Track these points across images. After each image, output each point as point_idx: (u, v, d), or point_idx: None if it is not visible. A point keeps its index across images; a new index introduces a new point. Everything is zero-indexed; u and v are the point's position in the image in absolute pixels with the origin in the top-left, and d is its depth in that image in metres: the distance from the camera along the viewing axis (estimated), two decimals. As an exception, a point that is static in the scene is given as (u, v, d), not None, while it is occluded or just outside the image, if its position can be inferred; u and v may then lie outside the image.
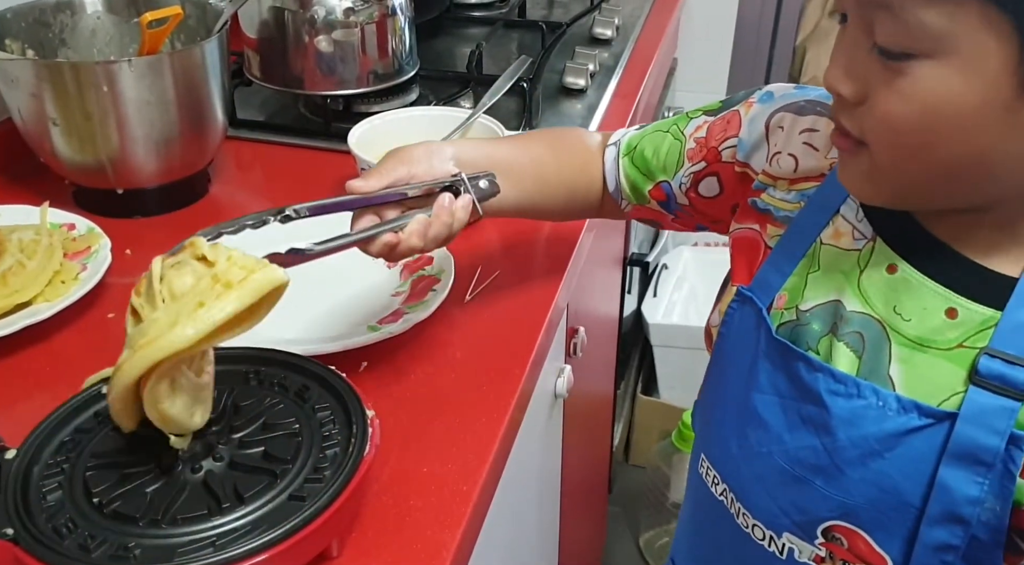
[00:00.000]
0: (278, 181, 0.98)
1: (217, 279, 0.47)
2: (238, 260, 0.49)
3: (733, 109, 0.68)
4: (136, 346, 0.47)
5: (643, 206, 0.74)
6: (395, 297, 0.75)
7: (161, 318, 0.47)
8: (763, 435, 0.58)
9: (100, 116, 0.80)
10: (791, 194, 0.62)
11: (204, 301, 0.46)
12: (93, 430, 0.53)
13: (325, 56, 1.00)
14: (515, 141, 0.74)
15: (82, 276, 0.73)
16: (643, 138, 0.72)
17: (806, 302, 0.58)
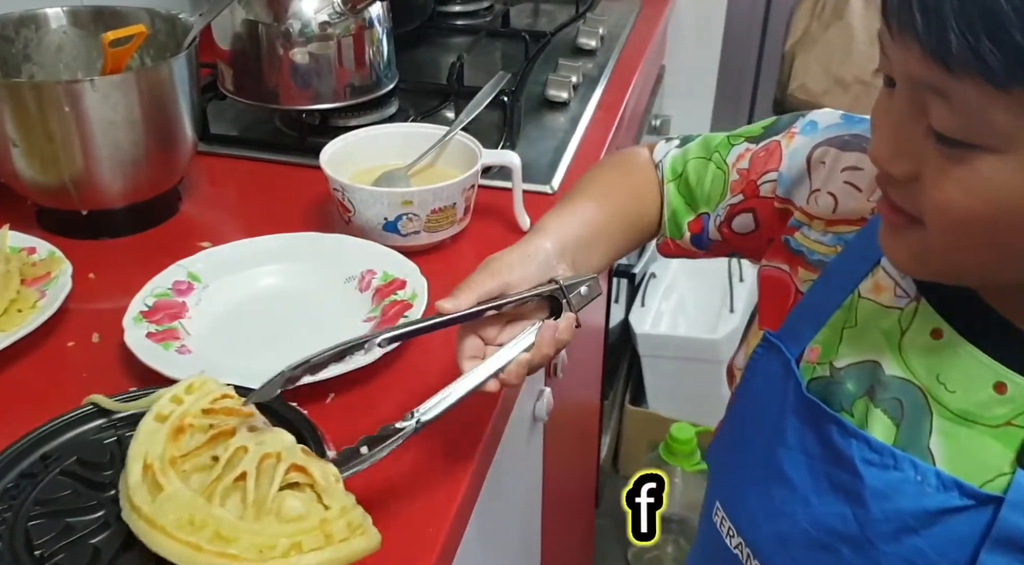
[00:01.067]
0: (252, 198, 0.96)
1: (325, 525, 0.46)
2: (348, 508, 0.48)
3: (774, 138, 0.63)
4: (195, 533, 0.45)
5: (674, 241, 0.69)
6: (366, 323, 0.73)
7: (239, 528, 0.45)
8: (788, 494, 0.54)
9: (63, 137, 0.77)
10: (827, 236, 0.58)
11: (303, 543, 0.45)
12: (39, 475, 0.51)
13: (300, 69, 0.98)
14: (597, 196, 0.68)
15: (40, 304, 0.71)
16: (687, 163, 0.68)
17: (841, 359, 0.54)
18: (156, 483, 0.46)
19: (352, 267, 0.78)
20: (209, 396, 0.53)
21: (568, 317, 0.58)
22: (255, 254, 0.79)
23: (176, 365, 0.65)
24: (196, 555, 0.43)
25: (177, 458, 0.49)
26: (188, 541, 0.44)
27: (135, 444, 0.49)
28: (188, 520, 0.45)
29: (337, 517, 0.46)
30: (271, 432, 0.51)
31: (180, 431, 0.50)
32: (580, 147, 1.05)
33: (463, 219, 0.85)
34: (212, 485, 0.47)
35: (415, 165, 0.89)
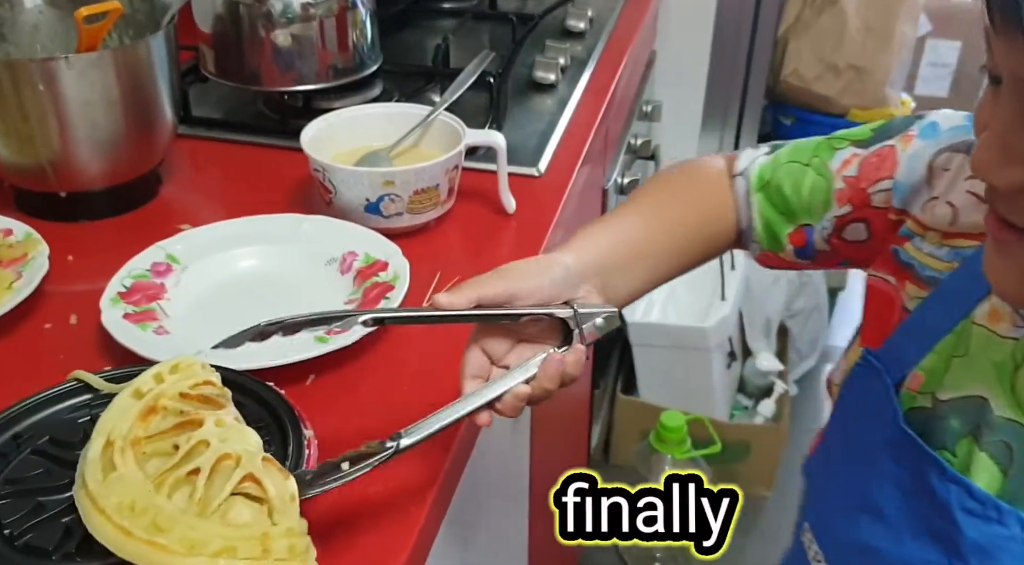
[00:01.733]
0: (233, 181, 0.94)
1: (266, 539, 0.44)
2: (294, 531, 0.45)
3: (887, 143, 0.57)
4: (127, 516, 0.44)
5: (774, 253, 0.63)
6: (347, 305, 0.72)
7: (177, 520, 0.43)
8: (879, 529, 0.50)
9: (38, 116, 0.76)
10: (943, 250, 0.52)
11: (238, 549, 0.43)
12: (10, 454, 0.50)
13: (282, 51, 0.97)
14: (638, 217, 0.62)
15: (16, 285, 0.70)
16: (777, 169, 0.62)
17: (945, 391, 0.49)
18: (112, 462, 0.45)
19: (333, 249, 0.77)
20: (191, 380, 0.52)
21: (578, 350, 0.53)
22: (235, 236, 0.78)
23: (154, 346, 0.64)
24: (126, 541, 0.43)
25: (141, 439, 0.48)
26: (121, 525, 0.43)
27: (105, 416, 0.48)
28: (129, 505, 0.44)
29: (281, 536, 0.44)
30: (239, 431, 0.49)
31: (152, 411, 0.49)
32: (568, 130, 1.03)
33: (447, 201, 0.84)
34: (165, 474, 0.46)
35: (398, 146, 0.87)
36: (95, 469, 0.46)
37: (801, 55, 2.06)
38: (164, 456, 0.48)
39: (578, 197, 0.99)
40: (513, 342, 0.54)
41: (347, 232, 0.78)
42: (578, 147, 1.00)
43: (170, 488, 0.46)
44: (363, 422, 0.62)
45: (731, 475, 1.72)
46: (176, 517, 0.43)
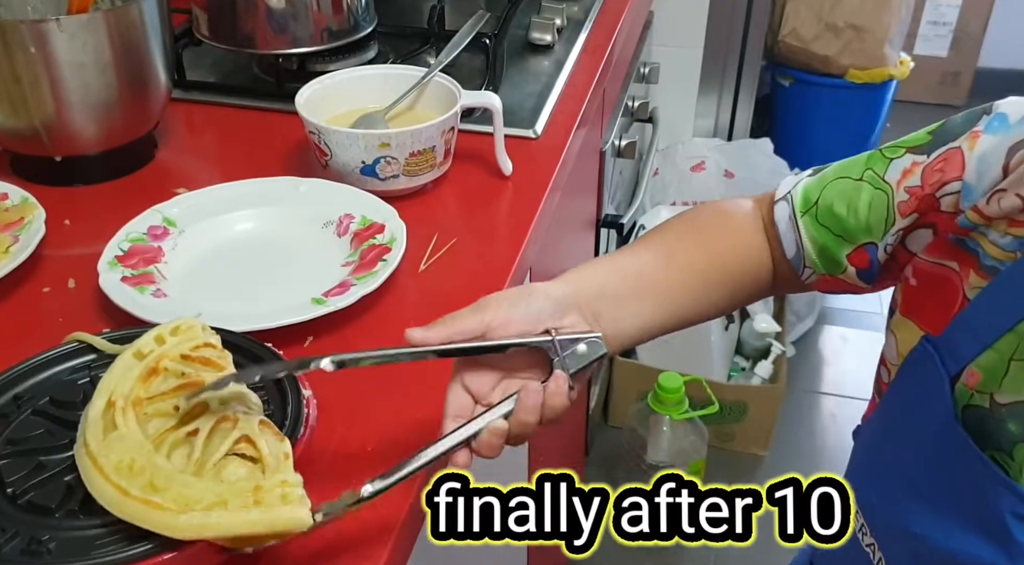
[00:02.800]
0: (229, 144, 0.94)
1: (259, 491, 0.44)
2: (289, 483, 0.45)
3: (952, 146, 0.52)
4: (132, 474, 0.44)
5: (832, 277, 0.59)
6: (344, 267, 0.72)
7: (173, 479, 0.44)
8: (926, 517, 0.49)
9: (30, 79, 0.76)
10: (1006, 239, 0.49)
11: (228, 501, 0.43)
12: (11, 415, 0.51)
13: (276, 13, 0.96)
14: (658, 248, 0.59)
15: (13, 249, 0.70)
16: (825, 188, 0.58)
17: (1004, 393, 0.47)
18: (113, 421, 0.46)
19: (330, 211, 0.77)
20: (192, 341, 0.52)
21: (558, 378, 0.50)
22: (231, 199, 0.78)
23: (152, 309, 0.65)
24: (123, 500, 0.43)
25: (143, 399, 0.49)
26: (119, 485, 0.43)
27: (107, 376, 0.49)
28: (128, 464, 0.44)
29: (274, 487, 0.44)
30: (237, 393, 0.49)
31: (153, 372, 0.50)
32: (564, 91, 1.03)
33: (443, 163, 0.84)
34: (165, 433, 0.46)
35: (394, 108, 0.87)
36: (96, 428, 0.47)
37: (800, 14, 2.04)
38: (165, 417, 0.48)
39: (575, 159, 0.98)
40: (498, 378, 0.51)
41: (344, 194, 0.78)
42: (575, 109, 1.00)
43: (169, 448, 0.46)
44: (360, 384, 0.63)
45: (728, 435, 1.74)
46: (173, 476, 0.44)
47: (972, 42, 2.86)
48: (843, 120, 2.12)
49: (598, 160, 1.30)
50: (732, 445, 1.74)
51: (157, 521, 0.43)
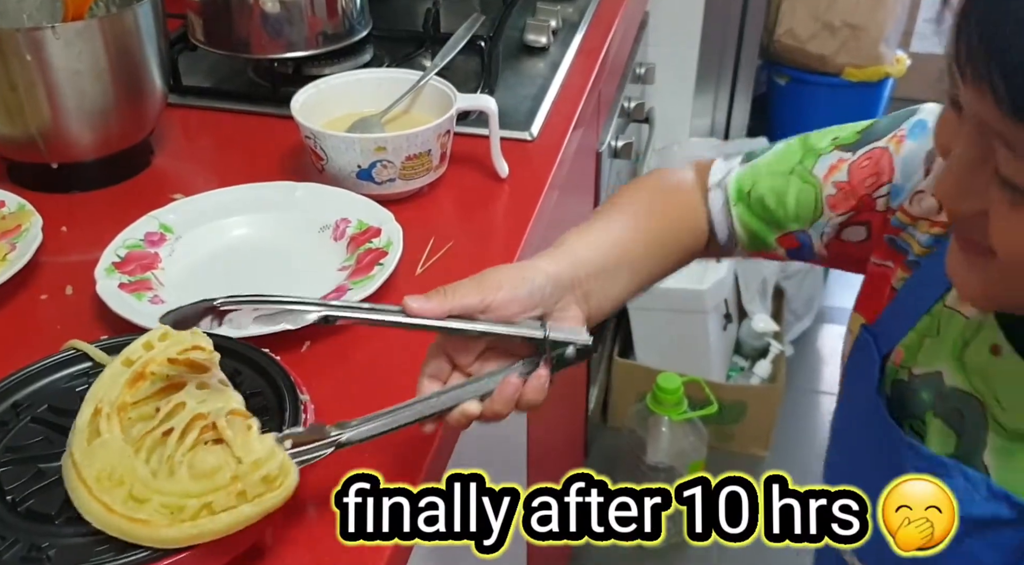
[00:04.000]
0: (225, 149, 0.94)
1: (236, 480, 0.44)
2: (260, 460, 0.45)
3: (876, 145, 0.57)
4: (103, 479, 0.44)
5: (764, 252, 0.65)
6: (340, 271, 0.72)
7: (151, 487, 0.44)
8: (863, 487, 0.52)
9: (26, 87, 0.76)
10: (925, 236, 0.55)
11: (214, 503, 0.43)
12: (10, 423, 0.51)
13: (271, 17, 0.96)
14: (622, 220, 0.62)
15: (10, 257, 0.70)
16: (757, 181, 0.62)
17: (919, 366, 0.53)
18: (97, 429, 0.46)
19: (326, 215, 0.77)
20: (179, 345, 0.52)
21: (540, 376, 0.51)
22: (228, 204, 0.78)
23: (149, 315, 0.65)
24: (108, 516, 0.43)
25: (128, 404, 0.49)
26: (102, 500, 0.43)
27: (96, 385, 0.49)
28: (108, 473, 0.44)
29: (249, 471, 0.44)
30: (219, 392, 0.49)
31: (140, 378, 0.50)
32: (560, 93, 1.03)
33: (439, 166, 0.84)
34: (144, 436, 0.46)
35: (389, 112, 0.87)
36: (81, 437, 0.47)
37: (795, 13, 2.04)
38: (147, 419, 0.48)
39: (571, 161, 0.99)
40: (480, 349, 0.52)
41: (340, 199, 0.78)
42: (571, 110, 1.00)
43: (148, 451, 0.46)
44: (357, 388, 0.63)
45: (728, 435, 1.74)
46: (150, 484, 0.44)
47: (968, 39, 2.86)
48: (840, 119, 2.09)
49: (594, 161, 1.30)
50: (732, 445, 1.75)
51: (144, 536, 0.43)
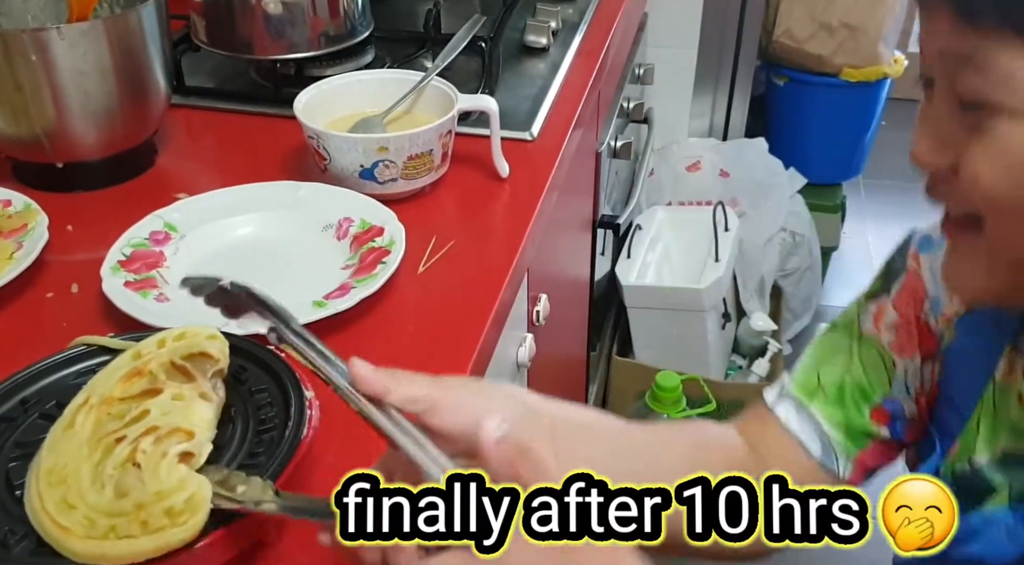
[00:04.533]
0: (228, 150, 0.95)
1: (140, 510, 0.43)
2: (164, 493, 0.43)
3: (902, 274, 0.59)
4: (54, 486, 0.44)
5: (868, 449, 0.60)
6: (344, 270, 0.73)
7: (82, 495, 0.44)
8: None
9: (32, 87, 0.76)
10: (950, 327, 0.56)
11: (118, 528, 0.43)
12: (18, 419, 0.52)
13: (273, 18, 0.96)
14: (649, 428, 0.60)
15: (17, 255, 0.71)
16: (817, 370, 0.61)
17: (979, 453, 0.52)
18: (74, 419, 0.46)
19: (329, 215, 0.78)
20: (188, 349, 0.52)
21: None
22: (231, 203, 0.79)
23: (155, 313, 0.65)
24: (41, 515, 0.44)
25: (115, 399, 0.48)
26: (41, 496, 0.44)
27: (100, 374, 0.49)
28: (60, 469, 0.44)
29: (153, 502, 0.43)
30: (185, 407, 0.48)
31: (138, 374, 0.50)
32: (560, 94, 1.04)
33: (441, 166, 0.85)
34: (105, 437, 0.46)
35: (391, 112, 0.88)
36: (60, 423, 0.47)
37: (793, 14, 2.04)
38: (118, 419, 0.48)
39: (571, 161, 0.99)
40: None
41: (342, 198, 0.79)
42: (571, 111, 1.01)
43: (102, 452, 0.46)
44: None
45: (726, 434, 1.75)
46: (81, 493, 0.44)
47: (965, 40, 2.87)
48: (838, 119, 2.13)
49: (594, 161, 1.31)
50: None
51: (60, 543, 0.43)
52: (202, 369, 0.50)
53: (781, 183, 1.92)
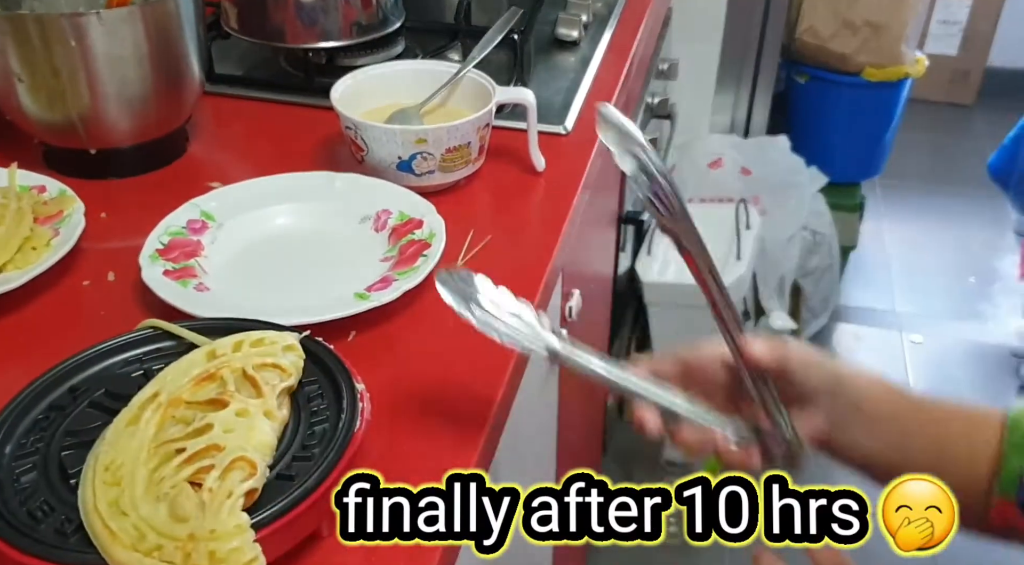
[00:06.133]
0: (259, 138, 0.94)
1: (189, 542, 0.42)
2: (219, 535, 0.42)
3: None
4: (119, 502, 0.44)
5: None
6: (383, 262, 0.72)
7: (135, 503, 0.43)
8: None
9: (69, 72, 0.76)
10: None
11: (164, 550, 0.42)
12: (68, 407, 0.51)
13: (306, 6, 0.95)
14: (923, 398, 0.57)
15: (54, 242, 0.70)
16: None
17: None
18: (139, 415, 0.46)
19: (367, 206, 0.77)
20: (264, 359, 0.51)
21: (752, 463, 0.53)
22: (268, 193, 0.78)
23: (195, 302, 0.65)
24: (92, 514, 0.43)
25: (183, 401, 0.48)
26: (93, 495, 0.43)
27: (174, 366, 0.48)
28: (116, 467, 0.44)
29: (204, 538, 0.42)
30: (248, 426, 0.47)
31: (210, 378, 0.50)
32: (593, 87, 1.03)
33: (478, 159, 0.84)
34: (165, 443, 0.46)
35: (427, 104, 0.87)
36: (126, 415, 0.47)
37: (817, 11, 2.03)
38: (182, 425, 0.48)
39: (603, 157, 0.98)
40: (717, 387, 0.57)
41: (380, 190, 0.78)
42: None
43: (159, 459, 0.45)
44: (406, 378, 0.63)
45: (743, 433, 1.74)
46: (135, 499, 0.43)
47: (982, 41, 2.86)
48: (859, 118, 2.12)
49: (621, 156, 1.29)
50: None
51: (107, 548, 0.42)
52: (272, 385, 0.50)
53: (803, 181, 1.90)
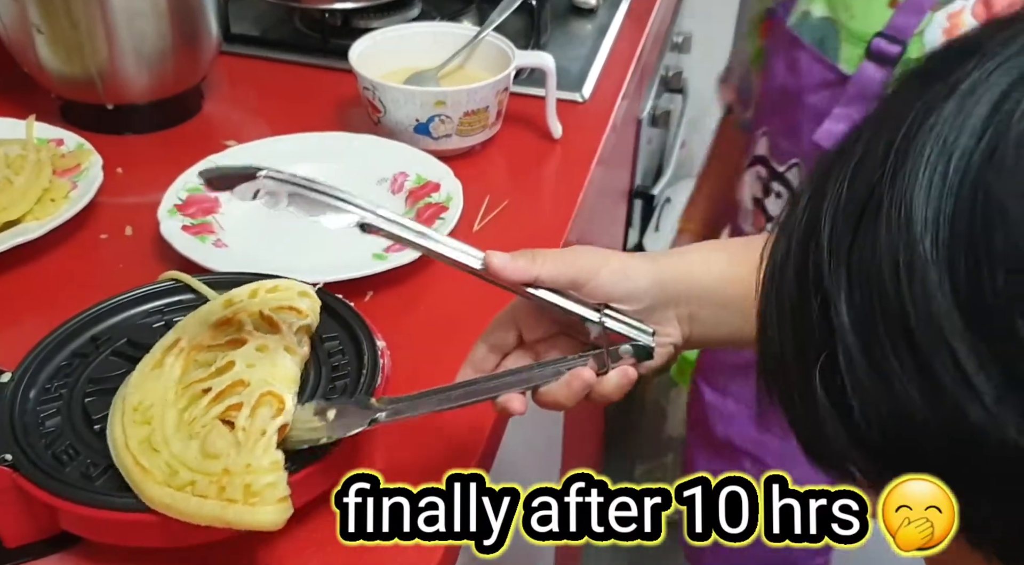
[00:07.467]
0: (274, 99, 0.94)
1: (224, 476, 0.42)
2: (254, 469, 0.43)
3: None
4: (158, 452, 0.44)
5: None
6: (401, 223, 0.72)
7: (167, 441, 0.44)
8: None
9: (87, 24, 0.75)
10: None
11: (197, 485, 0.42)
12: (90, 355, 0.51)
13: (324, -33, 0.95)
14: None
15: (72, 195, 0.70)
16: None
17: None
18: (163, 359, 0.46)
19: (384, 168, 0.77)
20: (280, 302, 0.51)
21: (627, 374, 0.48)
22: (284, 152, 0.78)
23: (214, 258, 0.65)
24: (123, 452, 0.44)
25: (204, 346, 0.49)
26: (126, 431, 0.44)
27: (193, 315, 0.49)
28: (145, 408, 0.44)
29: (240, 473, 0.43)
30: (271, 360, 0.48)
31: (228, 323, 0.50)
32: (610, 56, 1.02)
33: (495, 124, 0.83)
34: (192, 385, 0.46)
35: (444, 67, 0.86)
36: (149, 360, 0.47)
37: (832, -10, 2.01)
38: (205, 367, 0.48)
39: (619, 128, 0.98)
40: (552, 330, 0.51)
41: (397, 152, 0.78)
42: (621, 74, 0.99)
43: (188, 400, 0.46)
44: (423, 338, 0.63)
45: (744, 410, 1.75)
46: (167, 438, 0.44)
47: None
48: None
49: (635, 128, 1.29)
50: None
51: (137, 483, 0.43)
52: (289, 323, 0.50)
53: (811, 161, 1.90)
